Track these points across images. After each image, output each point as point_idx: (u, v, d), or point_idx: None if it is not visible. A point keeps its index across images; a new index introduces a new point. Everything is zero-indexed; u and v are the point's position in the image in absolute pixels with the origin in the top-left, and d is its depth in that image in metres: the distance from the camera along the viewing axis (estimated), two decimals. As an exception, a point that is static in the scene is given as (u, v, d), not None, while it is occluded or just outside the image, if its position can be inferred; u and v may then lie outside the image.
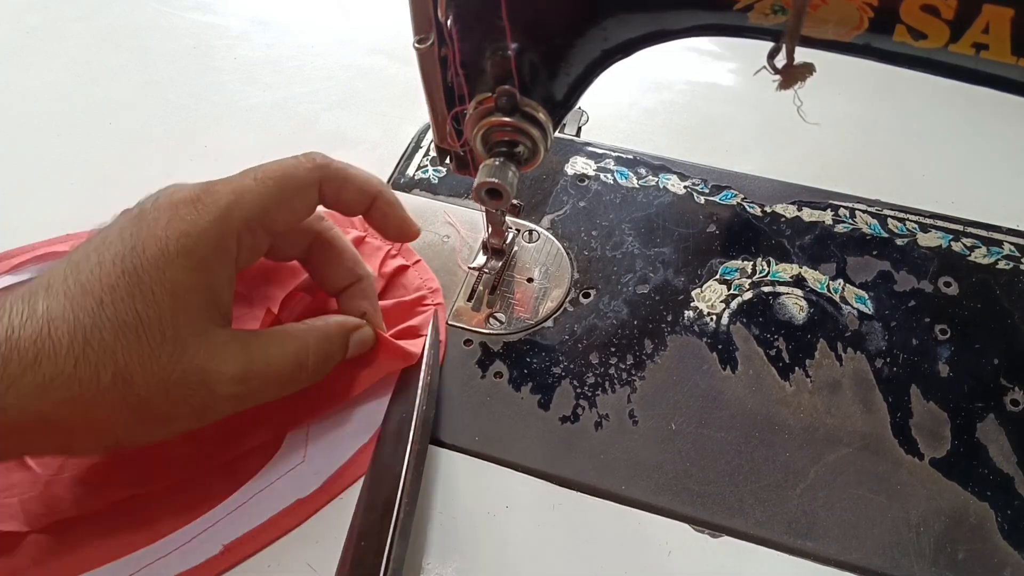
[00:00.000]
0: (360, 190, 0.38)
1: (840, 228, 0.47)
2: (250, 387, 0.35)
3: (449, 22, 0.34)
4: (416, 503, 0.36)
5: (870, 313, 0.43)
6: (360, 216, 0.40)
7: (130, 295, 0.32)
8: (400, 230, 0.40)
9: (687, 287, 0.45)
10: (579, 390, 0.41)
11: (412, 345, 0.40)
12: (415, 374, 0.40)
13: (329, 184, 0.37)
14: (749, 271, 0.45)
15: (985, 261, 0.45)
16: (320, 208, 0.38)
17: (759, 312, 0.44)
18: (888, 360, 0.42)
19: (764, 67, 0.31)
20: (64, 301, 0.31)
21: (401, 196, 0.50)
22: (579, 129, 0.54)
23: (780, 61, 0.31)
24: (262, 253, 0.38)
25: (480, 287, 0.45)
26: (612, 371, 0.42)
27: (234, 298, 0.36)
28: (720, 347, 0.42)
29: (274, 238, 0.38)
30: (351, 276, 0.41)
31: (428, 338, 0.41)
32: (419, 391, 0.39)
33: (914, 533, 0.36)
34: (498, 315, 0.44)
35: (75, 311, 0.31)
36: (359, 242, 0.46)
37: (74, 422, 0.32)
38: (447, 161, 0.42)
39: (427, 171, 0.52)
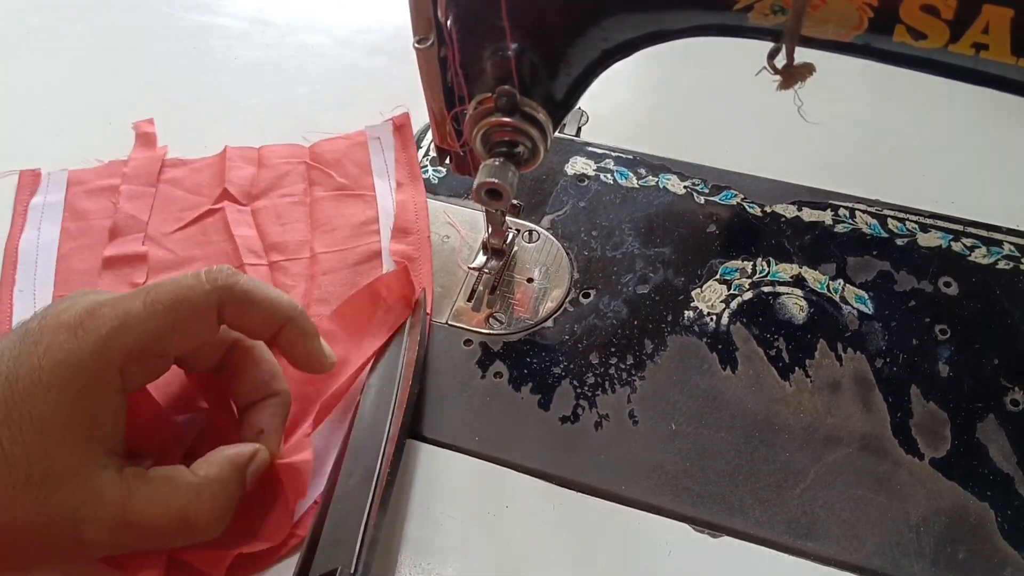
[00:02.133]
0: (265, 316, 0.35)
1: (840, 228, 0.47)
2: (124, 538, 0.32)
3: (449, 22, 0.34)
4: (396, 475, 0.36)
5: (870, 313, 0.43)
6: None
7: None
8: (308, 361, 0.37)
9: (687, 287, 0.45)
10: (579, 390, 0.41)
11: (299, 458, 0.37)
12: (398, 344, 0.40)
13: (230, 307, 0.34)
14: (749, 271, 0.45)
15: (985, 261, 0.45)
16: None
17: (759, 312, 0.44)
18: (888, 360, 0.42)
19: (764, 67, 0.31)
20: None
21: (401, 196, 0.50)
22: (579, 129, 0.54)
23: (780, 61, 0.31)
24: (161, 373, 0.35)
25: (480, 287, 0.45)
26: (612, 371, 0.42)
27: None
28: (720, 347, 0.42)
29: (177, 359, 0.35)
30: (265, 391, 0.37)
31: (411, 317, 0.42)
32: (400, 361, 0.39)
33: (914, 533, 0.36)
34: (498, 315, 0.44)
35: None
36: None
37: None
38: (447, 161, 0.42)
39: (427, 171, 0.52)
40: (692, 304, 0.44)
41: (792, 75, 0.31)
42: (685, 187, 0.50)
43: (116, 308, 0.32)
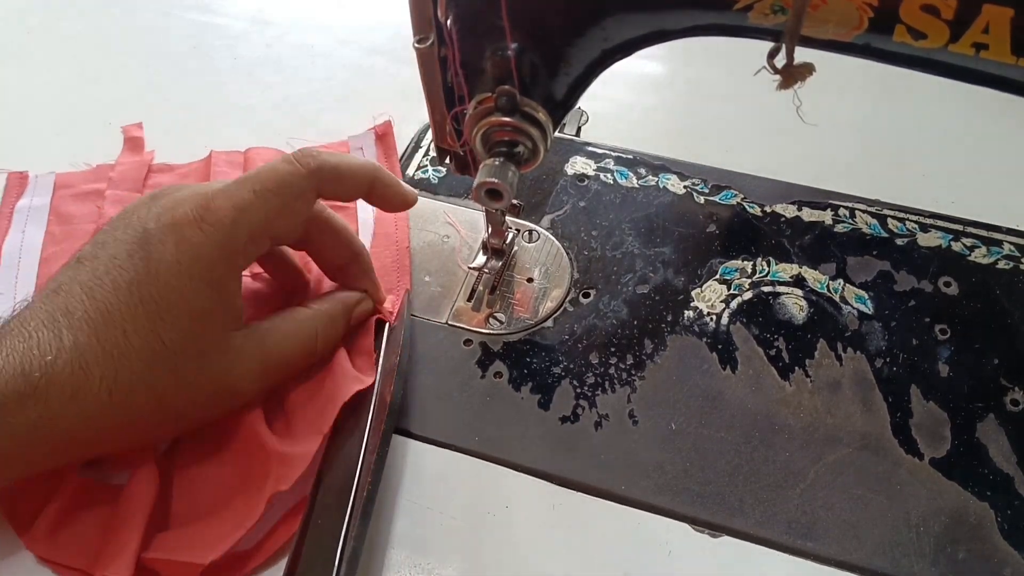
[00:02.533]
0: (356, 182, 0.39)
1: (840, 228, 0.47)
2: (269, 380, 0.38)
3: (449, 22, 0.34)
4: (379, 485, 0.36)
5: (870, 313, 0.43)
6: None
7: (152, 323, 0.33)
8: (403, 203, 0.42)
9: (687, 287, 0.45)
10: (579, 390, 0.41)
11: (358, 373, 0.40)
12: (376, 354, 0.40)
13: (326, 184, 0.38)
14: (749, 271, 0.45)
15: (985, 261, 0.45)
16: None
17: (759, 312, 0.44)
18: (888, 360, 0.42)
19: (764, 67, 0.31)
20: (89, 332, 0.32)
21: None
22: (579, 129, 0.54)
23: (780, 61, 0.31)
24: (264, 251, 0.38)
25: (480, 287, 0.45)
26: (612, 371, 0.42)
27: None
28: (720, 347, 0.42)
29: (276, 242, 0.39)
30: (347, 254, 0.42)
31: (394, 317, 0.42)
32: (378, 370, 0.39)
33: (914, 533, 0.36)
34: (498, 315, 0.44)
35: (102, 343, 0.32)
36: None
37: (113, 438, 0.35)
38: (447, 161, 0.42)
39: (427, 171, 0.52)
40: (692, 304, 0.44)
41: (792, 75, 0.31)
42: (685, 187, 0.50)
43: (231, 199, 0.35)
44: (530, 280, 0.46)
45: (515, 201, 0.39)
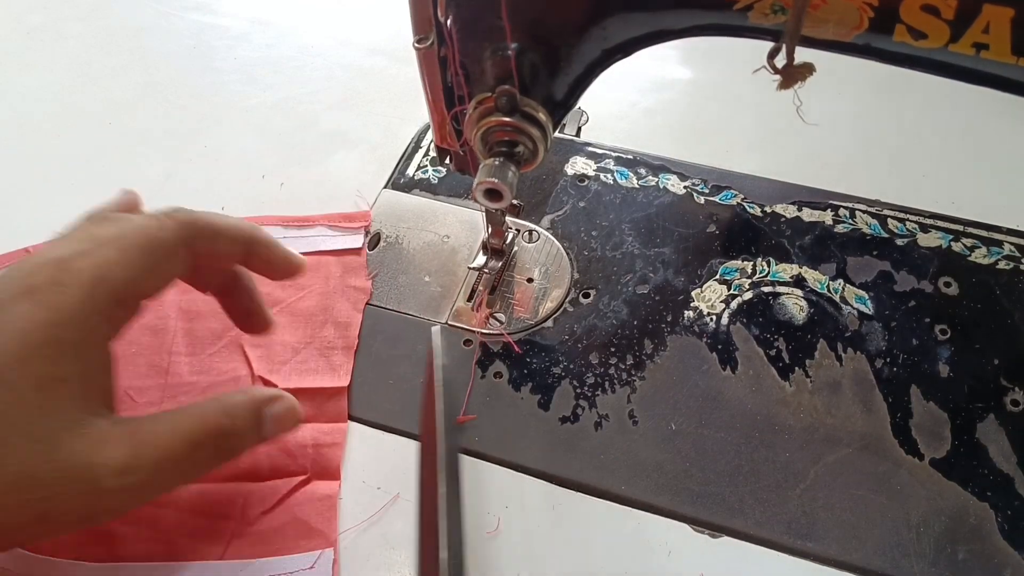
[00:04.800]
0: (232, 239, 0.36)
1: (840, 228, 0.47)
2: (140, 477, 0.30)
3: (449, 22, 0.34)
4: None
5: (870, 313, 0.43)
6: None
7: None
8: (286, 266, 0.38)
9: (687, 287, 0.45)
10: (579, 390, 0.41)
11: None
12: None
13: (199, 240, 0.34)
14: (749, 271, 0.45)
15: (985, 261, 0.45)
16: None
17: (759, 312, 0.44)
18: (888, 360, 0.42)
19: (764, 67, 0.31)
20: None
21: (401, 196, 0.51)
22: (579, 129, 0.54)
23: (780, 61, 0.31)
24: (136, 317, 0.34)
25: (480, 287, 0.45)
26: (612, 371, 0.42)
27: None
28: (720, 347, 0.42)
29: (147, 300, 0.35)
30: (230, 272, 0.38)
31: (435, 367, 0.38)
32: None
33: (914, 533, 0.36)
34: (498, 315, 0.44)
35: None
36: None
37: None
38: (447, 161, 0.42)
39: (427, 171, 0.52)
40: (692, 304, 0.44)
41: (792, 75, 0.31)
42: (685, 187, 0.50)
43: (91, 258, 0.31)
44: (530, 280, 0.46)
45: (515, 201, 0.39)
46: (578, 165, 0.51)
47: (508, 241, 0.46)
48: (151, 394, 0.40)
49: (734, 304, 0.44)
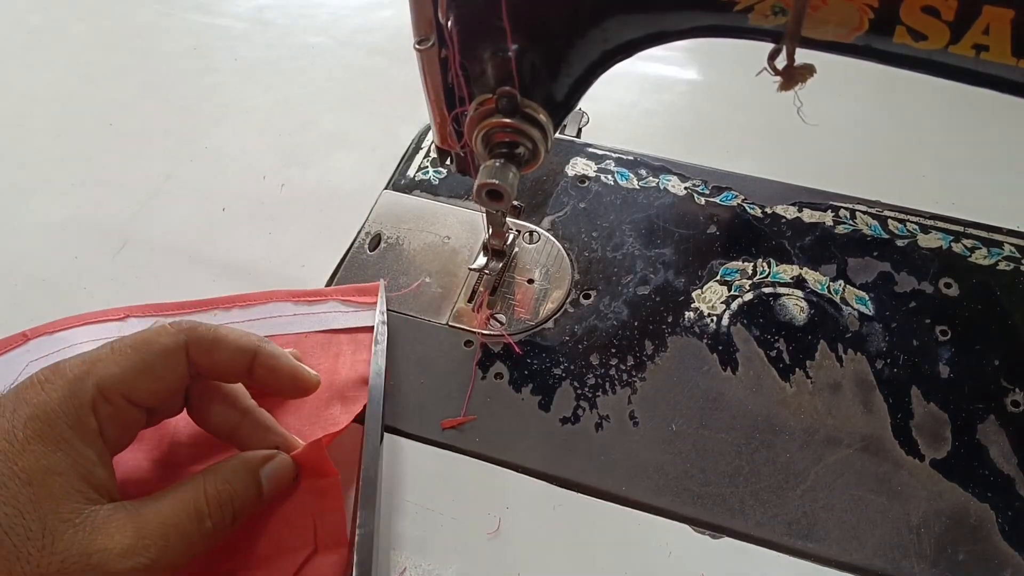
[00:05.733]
0: (235, 349, 0.35)
1: (840, 229, 0.47)
2: (149, 555, 0.30)
3: (449, 23, 0.34)
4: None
5: (870, 314, 0.43)
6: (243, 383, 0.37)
7: None
8: (295, 382, 0.37)
9: (687, 288, 0.45)
10: (579, 391, 0.41)
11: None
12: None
13: (198, 347, 0.34)
14: (749, 272, 0.45)
15: (985, 262, 0.45)
16: None
17: (760, 313, 0.44)
18: (888, 361, 0.42)
19: (765, 68, 0.31)
20: None
21: (402, 197, 0.51)
22: (579, 130, 0.54)
23: (781, 62, 0.31)
24: (137, 426, 0.34)
25: (481, 288, 0.45)
26: (612, 372, 0.42)
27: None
28: (720, 348, 0.42)
29: (145, 410, 0.34)
30: (235, 415, 0.37)
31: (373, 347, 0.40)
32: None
33: (915, 534, 0.36)
34: (499, 316, 0.44)
35: None
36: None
37: None
38: (448, 162, 0.42)
39: (427, 172, 0.52)
40: (692, 305, 0.44)
41: (792, 76, 0.31)
42: (686, 188, 0.50)
43: (82, 357, 0.32)
44: (531, 281, 0.46)
45: (516, 202, 0.39)
46: (579, 166, 0.51)
47: (509, 242, 0.46)
48: (151, 486, 0.38)
49: (735, 305, 0.44)
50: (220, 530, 0.33)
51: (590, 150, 0.52)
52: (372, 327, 0.43)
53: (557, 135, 0.37)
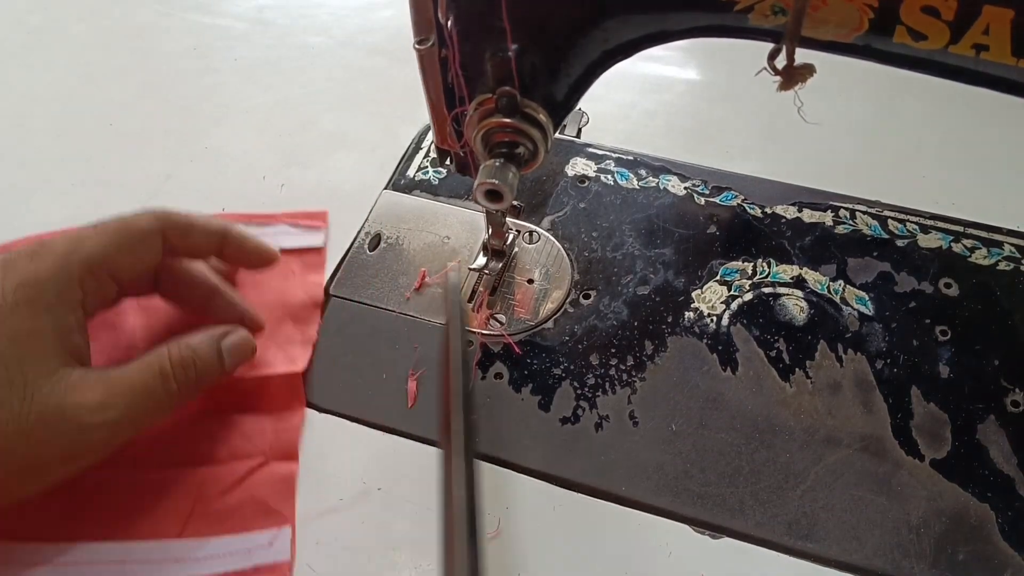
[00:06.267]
0: (206, 232, 0.40)
1: (840, 229, 0.47)
2: (118, 411, 0.34)
3: (449, 23, 0.34)
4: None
5: (870, 314, 0.43)
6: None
7: None
8: (260, 255, 0.42)
9: (687, 288, 0.45)
10: (579, 391, 0.41)
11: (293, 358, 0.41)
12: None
13: (173, 231, 0.38)
14: (749, 272, 0.45)
15: (985, 262, 0.45)
16: None
17: (759, 313, 0.44)
18: (888, 361, 0.42)
19: (765, 68, 0.31)
20: None
21: (402, 197, 0.51)
22: (579, 130, 0.54)
23: (780, 62, 0.31)
24: (110, 300, 0.38)
25: (480, 288, 0.45)
26: (612, 372, 0.42)
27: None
28: (720, 348, 0.42)
29: (120, 286, 0.38)
30: (204, 291, 0.41)
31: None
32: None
33: (915, 534, 0.36)
34: (498, 316, 0.44)
35: None
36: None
37: None
38: (447, 162, 0.42)
39: (427, 172, 0.52)
40: (692, 305, 0.44)
41: (792, 76, 0.31)
42: (685, 188, 0.50)
43: (67, 235, 0.36)
44: (530, 281, 0.46)
45: (515, 202, 0.40)
46: (578, 166, 0.51)
47: (508, 242, 0.46)
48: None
49: (734, 305, 0.44)
50: (184, 392, 0.36)
51: (590, 150, 0.52)
52: (321, 248, 0.47)
53: (557, 135, 0.37)
